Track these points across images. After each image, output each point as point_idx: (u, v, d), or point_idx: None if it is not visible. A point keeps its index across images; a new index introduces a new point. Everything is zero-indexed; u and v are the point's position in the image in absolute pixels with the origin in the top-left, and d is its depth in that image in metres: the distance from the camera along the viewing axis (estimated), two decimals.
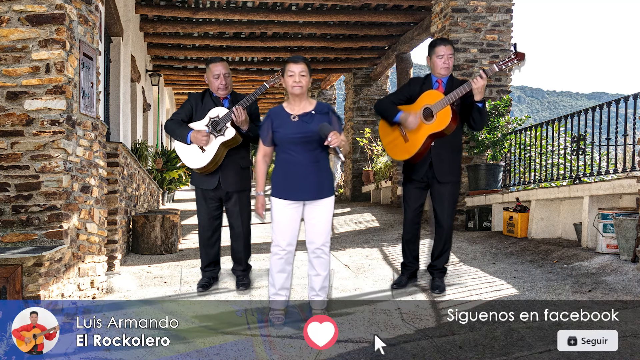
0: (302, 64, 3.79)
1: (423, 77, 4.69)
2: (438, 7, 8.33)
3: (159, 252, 6.71)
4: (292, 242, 3.83)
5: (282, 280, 3.87)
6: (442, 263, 4.69)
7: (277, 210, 3.82)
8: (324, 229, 3.81)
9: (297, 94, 3.80)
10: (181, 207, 11.90)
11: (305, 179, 3.76)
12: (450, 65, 4.53)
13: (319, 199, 3.79)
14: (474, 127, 4.60)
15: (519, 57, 4.38)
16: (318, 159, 3.80)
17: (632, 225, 4.98)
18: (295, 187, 3.76)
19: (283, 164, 3.81)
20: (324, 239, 3.82)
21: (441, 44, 4.54)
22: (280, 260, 3.83)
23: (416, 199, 4.67)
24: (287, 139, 3.77)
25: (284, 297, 3.89)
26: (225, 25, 10.93)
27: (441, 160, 4.52)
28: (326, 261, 3.86)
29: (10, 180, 3.84)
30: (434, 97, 4.43)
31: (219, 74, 4.64)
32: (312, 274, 3.87)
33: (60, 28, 3.88)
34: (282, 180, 3.80)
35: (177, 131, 4.64)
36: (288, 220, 3.79)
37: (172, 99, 20.46)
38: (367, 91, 13.99)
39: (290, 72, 3.79)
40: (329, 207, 3.84)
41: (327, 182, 3.83)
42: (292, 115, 3.81)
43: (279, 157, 3.85)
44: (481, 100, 4.40)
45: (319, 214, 3.80)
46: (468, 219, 7.74)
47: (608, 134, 5.90)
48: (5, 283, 3.44)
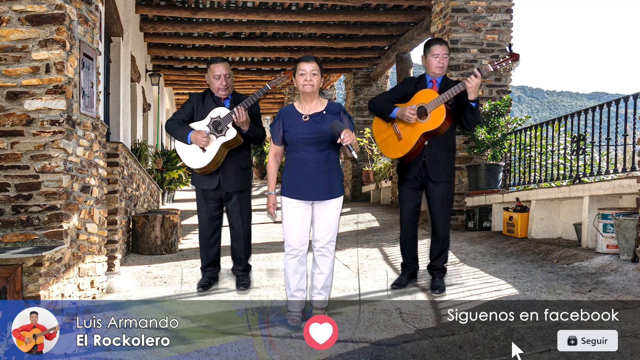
0: (313, 62, 3.77)
1: (417, 76, 4.70)
2: (438, 7, 8.34)
3: (159, 252, 6.71)
4: (305, 242, 3.83)
5: (296, 282, 3.86)
6: (442, 263, 4.69)
7: (288, 210, 3.82)
8: (331, 227, 3.82)
9: (308, 93, 3.78)
10: (181, 207, 11.89)
11: (315, 179, 3.76)
12: (444, 65, 4.53)
13: (329, 199, 3.80)
14: (466, 127, 4.61)
15: (513, 57, 4.43)
16: (328, 159, 3.80)
17: (632, 225, 4.98)
18: (305, 187, 3.76)
19: (293, 163, 3.81)
20: (330, 237, 3.83)
21: (437, 43, 4.55)
22: (293, 260, 3.83)
23: (411, 199, 4.67)
24: (298, 138, 3.76)
25: (301, 298, 3.87)
26: (225, 25, 10.92)
27: (434, 160, 4.53)
28: (330, 260, 3.86)
29: (10, 180, 3.84)
30: (428, 96, 4.44)
31: (219, 74, 4.63)
32: (316, 272, 3.88)
33: (60, 28, 3.88)
34: (293, 179, 3.80)
35: (177, 131, 4.64)
36: (299, 220, 3.79)
37: (172, 99, 20.46)
38: (367, 91, 13.99)
39: (301, 70, 3.76)
40: (338, 207, 3.84)
41: (337, 182, 3.83)
42: (303, 115, 3.80)
43: (289, 156, 3.85)
44: (474, 100, 4.42)
45: (327, 213, 3.81)
46: (468, 219, 7.73)
47: (608, 134, 5.90)
48: (5, 283, 3.44)
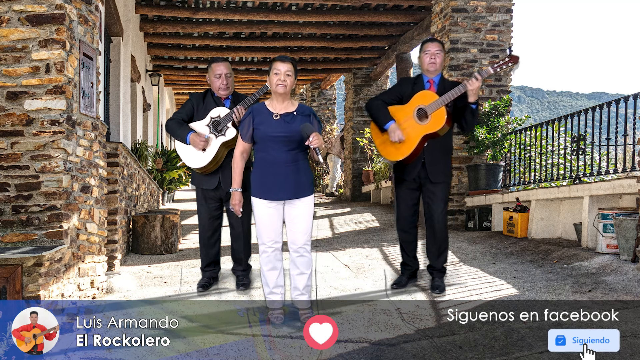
0: (288, 63, 3.77)
1: (414, 77, 4.69)
2: (438, 7, 8.34)
3: (159, 252, 6.71)
4: (277, 240, 3.86)
5: (274, 278, 3.88)
6: (441, 263, 4.69)
7: (259, 210, 3.83)
8: (304, 228, 3.82)
9: (280, 93, 3.79)
10: (181, 207, 11.89)
11: (284, 179, 3.76)
12: (437, 62, 4.52)
13: (298, 198, 3.80)
14: (464, 128, 4.61)
15: (513, 60, 4.44)
16: (297, 159, 3.80)
17: (632, 225, 4.98)
18: (274, 187, 3.77)
19: (262, 163, 3.81)
20: (305, 238, 3.83)
21: (429, 42, 4.57)
22: (268, 257, 3.85)
23: (409, 199, 4.68)
24: (268, 137, 3.77)
25: (280, 295, 3.90)
26: (225, 25, 10.92)
27: (434, 161, 4.53)
28: (309, 259, 3.87)
29: (10, 180, 3.83)
30: (428, 97, 4.44)
31: (220, 73, 4.65)
32: (295, 273, 3.88)
33: (60, 28, 3.88)
34: (261, 180, 3.80)
35: (177, 131, 4.66)
36: (270, 219, 3.81)
37: (172, 99, 20.46)
38: (367, 91, 13.99)
39: (276, 70, 3.76)
40: (309, 206, 3.83)
41: (306, 182, 3.83)
42: (274, 114, 3.80)
43: (258, 156, 3.85)
44: (474, 102, 4.42)
45: (299, 213, 3.81)
46: (468, 219, 7.73)
47: (608, 134, 5.90)
48: (5, 283, 3.43)
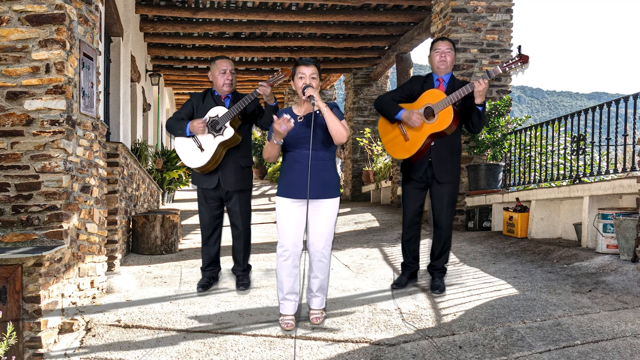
0: (312, 66, 3.78)
1: (424, 75, 4.69)
2: (438, 7, 8.34)
3: (159, 252, 6.71)
4: (298, 243, 3.79)
5: (290, 284, 3.80)
6: (442, 263, 4.69)
7: (282, 209, 3.80)
8: (326, 231, 3.79)
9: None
10: (181, 207, 11.90)
11: (310, 177, 3.74)
12: (448, 60, 4.52)
13: (323, 199, 3.78)
14: (471, 130, 4.57)
15: (523, 59, 4.33)
16: (324, 159, 3.80)
17: (632, 225, 4.98)
18: (299, 185, 3.74)
19: (289, 162, 3.81)
20: (325, 242, 3.80)
21: (439, 40, 4.57)
22: (286, 262, 3.79)
23: (415, 199, 4.67)
24: (293, 139, 3.77)
25: (293, 302, 3.83)
26: (225, 25, 10.93)
27: (441, 161, 4.51)
28: (326, 265, 3.85)
29: (10, 180, 3.83)
30: (436, 96, 4.43)
31: (225, 69, 4.68)
32: (311, 276, 3.87)
33: (60, 28, 3.88)
34: (288, 178, 3.80)
35: (176, 126, 4.69)
36: (292, 218, 3.77)
37: (172, 99, 20.47)
38: (367, 91, 14.00)
39: (300, 74, 3.77)
40: (333, 209, 3.81)
41: (332, 182, 3.81)
42: (299, 117, 3.82)
43: (286, 155, 3.86)
44: (481, 104, 4.39)
45: (322, 215, 3.78)
46: (468, 219, 7.74)
47: (608, 134, 5.90)
48: (5, 283, 3.43)
